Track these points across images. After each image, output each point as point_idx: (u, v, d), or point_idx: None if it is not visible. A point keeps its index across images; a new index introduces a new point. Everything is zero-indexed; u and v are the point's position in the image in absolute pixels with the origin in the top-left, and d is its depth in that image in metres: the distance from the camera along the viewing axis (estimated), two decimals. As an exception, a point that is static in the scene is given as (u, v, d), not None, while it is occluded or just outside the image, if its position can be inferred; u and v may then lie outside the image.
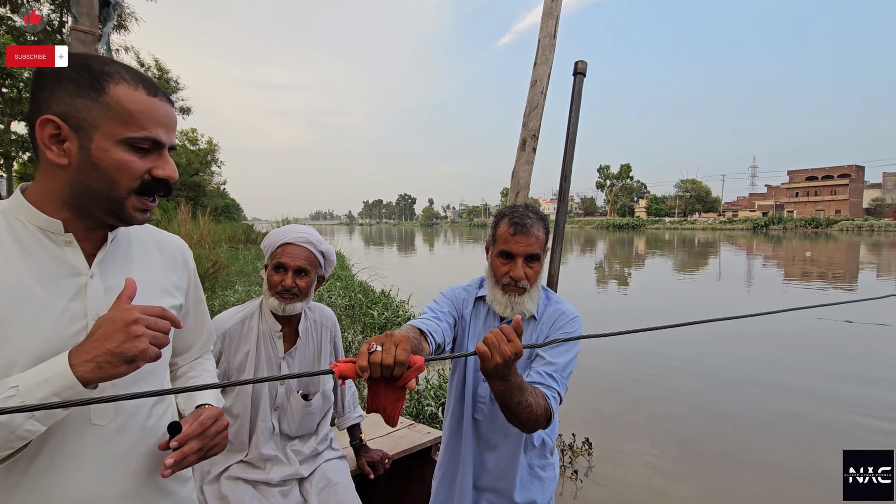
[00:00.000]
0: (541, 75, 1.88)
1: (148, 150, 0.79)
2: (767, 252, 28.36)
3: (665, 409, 4.86)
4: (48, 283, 0.77)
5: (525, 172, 1.90)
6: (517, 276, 1.35)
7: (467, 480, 1.44)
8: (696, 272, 17.95)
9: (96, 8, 1.60)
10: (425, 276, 15.90)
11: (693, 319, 0.97)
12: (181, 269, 0.99)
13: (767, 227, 69.64)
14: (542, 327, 1.44)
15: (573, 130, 1.85)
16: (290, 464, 1.64)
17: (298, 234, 1.61)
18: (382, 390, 0.87)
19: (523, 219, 1.35)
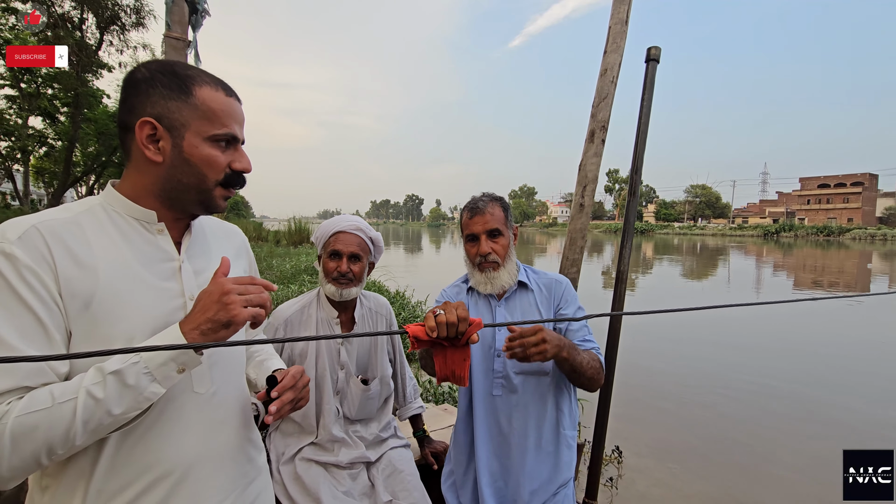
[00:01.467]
0: (611, 64, 1.82)
1: (227, 145, 0.89)
2: (778, 259, 28.07)
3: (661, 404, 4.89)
4: (150, 267, 0.86)
5: (593, 165, 1.85)
6: (483, 251, 1.51)
7: (484, 462, 1.51)
8: (705, 278, 17.80)
9: (186, 16, 1.71)
10: (436, 277, 15.87)
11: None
12: (244, 254, 1.11)
13: (778, 234, 68.93)
14: (543, 296, 1.58)
15: (645, 121, 1.80)
16: (356, 447, 1.73)
17: (349, 222, 1.72)
18: (449, 354, 0.97)
19: (476, 203, 1.56)
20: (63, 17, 16.87)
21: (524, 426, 1.50)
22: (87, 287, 0.78)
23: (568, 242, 1.94)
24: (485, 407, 1.53)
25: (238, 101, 0.91)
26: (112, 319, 0.80)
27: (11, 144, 20.33)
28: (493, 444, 1.52)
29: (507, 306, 1.58)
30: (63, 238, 0.78)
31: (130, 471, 0.82)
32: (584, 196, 1.90)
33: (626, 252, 1.85)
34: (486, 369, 1.53)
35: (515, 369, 1.51)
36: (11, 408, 0.70)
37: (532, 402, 1.50)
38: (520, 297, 1.59)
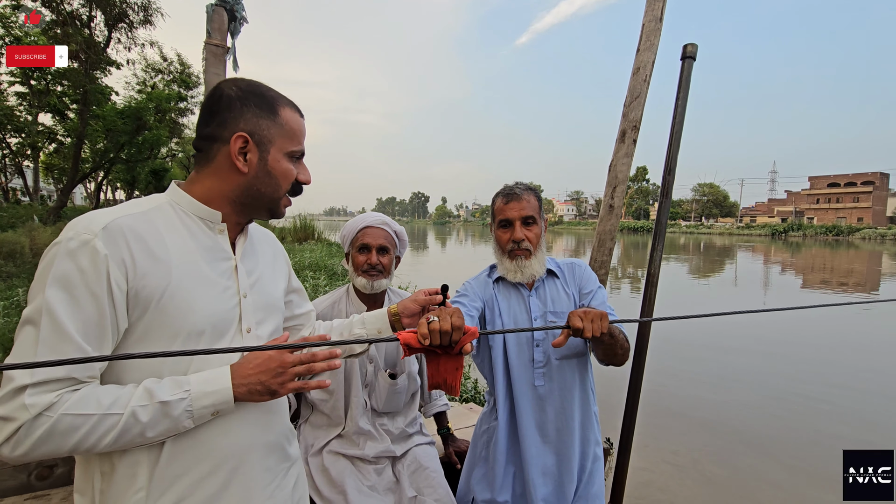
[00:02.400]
0: (644, 62, 1.78)
1: (299, 159, 1.00)
2: (786, 259, 27.80)
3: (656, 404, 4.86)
4: (212, 264, 0.93)
5: (624, 166, 1.81)
6: (517, 237, 1.50)
7: (532, 451, 1.50)
8: (712, 277, 17.64)
9: (226, 24, 1.78)
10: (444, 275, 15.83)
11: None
12: (280, 256, 1.18)
13: (786, 233, 68.32)
14: (569, 280, 1.60)
15: (679, 120, 1.75)
16: (381, 440, 1.75)
17: (375, 217, 1.79)
18: (442, 362, 0.95)
19: (512, 189, 1.55)
20: (72, 14, 16.93)
21: (570, 410, 1.51)
22: (160, 281, 0.84)
23: (596, 244, 1.90)
24: (530, 399, 1.51)
25: (301, 118, 1.01)
26: (180, 312, 0.85)
27: (22, 141, 20.49)
28: (541, 435, 1.50)
29: (538, 295, 1.57)
30: (141, 234, 0.84)
31: (191, 458, 0.88)
32: (613, 197, 1.85)
33: (658, 255, 1.81)
34: (526, 361, 1.52)
35: (556, 355, 1.51)
36: (61, 401, 0.74)
37: (572, 385, 1.51)
38: (549, 285, 1.58)
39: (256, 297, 1.00)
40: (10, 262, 10.04)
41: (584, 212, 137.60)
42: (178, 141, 31.21)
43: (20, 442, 0.72)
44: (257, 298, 1.00)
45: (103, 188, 29.45)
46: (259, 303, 1.01)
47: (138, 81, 24.21)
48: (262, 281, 1.03)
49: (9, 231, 11.94)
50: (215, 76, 1.80)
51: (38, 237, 11.55)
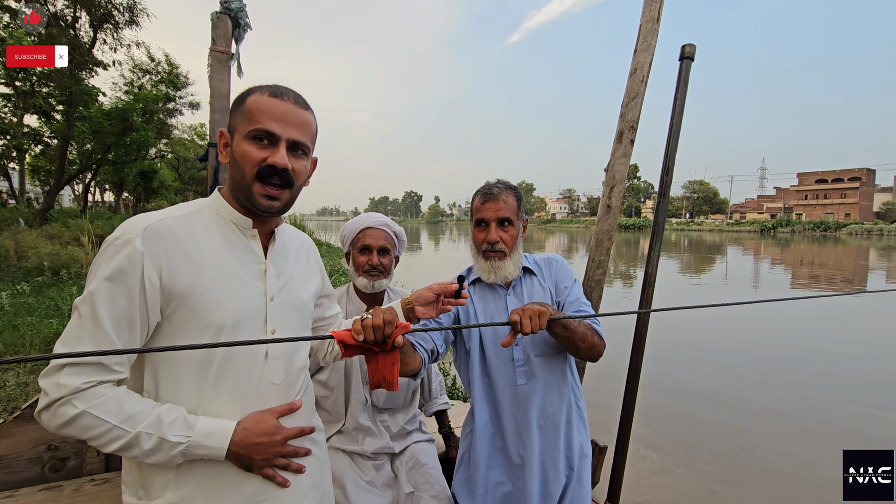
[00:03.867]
0: (641, 63, 1.77)
1: (264, 141, 0.94)
2: (775, 255, 28.11)
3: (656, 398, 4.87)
4: (243, 266, 0.98)
5: (621, 166, 1.80)
6: (491, 238, 1.48)
7: (515, 450, 1.48)
8: (703, 273, 17.80)
9: (230, 30, 1.81)
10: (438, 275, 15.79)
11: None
12: (314, 260, 1.21)
13: (775, 229, 69.10)
14: (546, 276, 1.59)
15: (677, 121, 1.75)
16: (381, 436, 1.76)
17: (375, 219, 1.80)
18: (380, 360, 0.99)
19: (490, 188, 1.52)
20: (56, 15, 16.66)
21: (553, 407, 1.50)
22: (191, 279, 0.90)
23: (594, 244, 1.89)
24: (511, 399, 1.49)
25: (288, 102, 0.96)
26: (209, 310, 0.91)
27: (7, 143, 20.11)
28: (525, 434, 1.48)
29: (515, 293, 1.56)
30: (178, 235, 0.91)
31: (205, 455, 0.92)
32: (611, 197, 1.84)
33: (655, 255, 1.80)
34: (507, 360, 1.51)
35: (535, 352, 1.50)
36: (88, 394, 0.82)
37: (553, 382, 1.50)
38: (526, 283, 1.58)
39: (284, 300, 1.03)
40: (-5, 267, 9.86)
41: (577, 210, 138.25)
42: (166, 142, 30.84)
43: (52, 418, 0.82)
44: (285, 301, 1.04)
45: (91, 190, 29.05)
46: (286, 305, 1.04)
47: (125, 82, 23.88)
48: (292, 284, 1.06)
49: (-6, 235, 11.71)
50: (220, 82, 1.79)
51: (22, 240, 11.34)
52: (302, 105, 0.98)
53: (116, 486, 1.69)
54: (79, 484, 1.70)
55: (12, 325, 5.89)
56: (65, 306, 6.86)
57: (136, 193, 30.42)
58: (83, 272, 9.60)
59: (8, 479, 1.65)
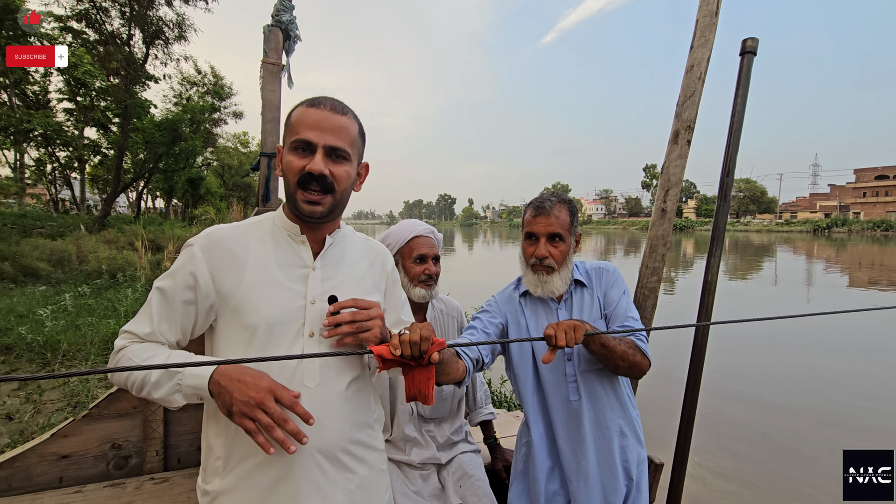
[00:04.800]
0: (698, 59, 1.69)
1: (305, 150, 0.99)
2: (831, 256, 26.44)
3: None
4: (286, 270, 1.03)
5: (677, 168, 1.72)
6: (540, 254, 1.46)
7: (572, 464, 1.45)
8: (749, 278, 16.92)
9: (281, 42, 1.85)
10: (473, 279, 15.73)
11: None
12: (380, 271, 1.20)
13: (830, 229, 65.12)
14: (595, 287, 1.54)
15: (739, 119, 1.65)
16: (427, 447, 1.74)
17: (424, 227, 1.78)
18: (416, 374, 1.00)
19: (543, 202, 1.49)
20: (113, 34, 17.72)
21: (606, 420, 1.46)
22: (235, 281, 0.99)
23: (648, 250, 1.81)
24: (565, 415, 1.47)
25: (324, 110, 0.99)
26: (248, 309, 0.98)
27: (69, 154, 21.55)
28: (580, 449, 1.45)
29: (567, 307, 1.53)
30: (230, 242, 1.02)
31: (251, 444, 0.93)
32: (666, 200, 1.76)
33: (716, 261, 1.71)
34: (559, 376, 1.48)
35: (585, 367, 1.47)
36: (128, 347, 0.97)
37: (605, 396, 1.47)
38: (578, 297, 1.55)
39: (326, 305, 1.04)
40: (58, 269, 10.54)
41: (614, 210, 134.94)
42: (212, 150, 32.22)
43: (109, 363, 0.98)
44: (327, 306, 1.04)
45: (143, 197, 30.66)
46: (329, 310, 1.04)
47: (175, 94, 25.13)
48: (340, 290, 1.06)
49: (58, 240, 12.55)
50: (271, 93, 1.83)
51: (83, 245, 12.10)
52: (339, 111, 1.01)
53: (175, 485, 1.75)
54: (140, 482, 1.77)
55: (75, 325, 6.27)
56: (121, 307, 7.25)
57: (185, 200, 31.90)
58: (137, 275, 10.14)
59: (77, 474, 1.74)
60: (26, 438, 3.52)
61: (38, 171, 22.09)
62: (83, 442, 1.75)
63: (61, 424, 1.76)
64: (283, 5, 1.76)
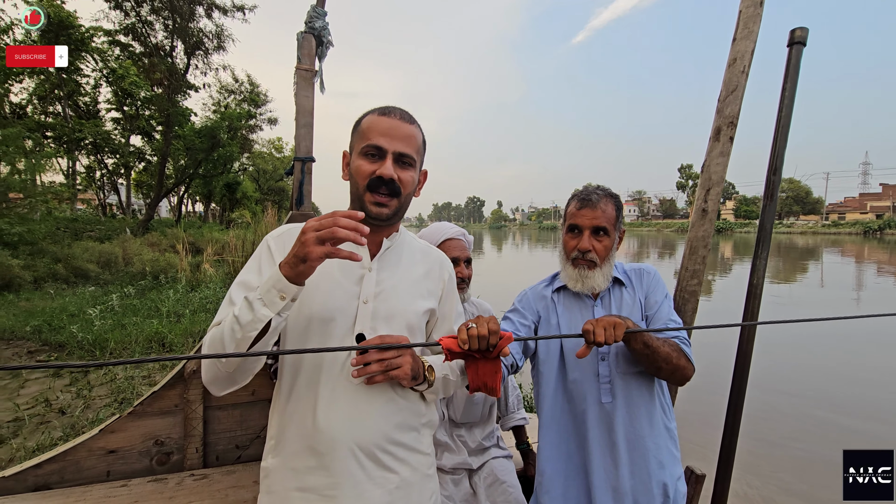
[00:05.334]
0: (742, 52, 1.62)
1: (375, 156, 1.05)
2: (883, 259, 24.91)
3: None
4: (344, 270, 1.08)
5: (719, 166, 1.65)
6: (584, 247, 1.42)
7: (600, 472, 1.38)
8: (793, 281, 16.10)
9: (314, 48, 1.89)
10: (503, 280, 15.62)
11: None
12: (437, 279, 1.21)
13: (882, 231, 61.41)
14: (636, 288, 1.49)
15: (786, 114, 1.58)
16: (458, 452, 1.74)
17: (455, 230, 1.77)
18: (481, 366, 1.00)
19: (589, 194, 1.44)
20: (157, 46, 18.57)
21: (641, 427, 1.39)
22: None
23: (688, 252, 1.74)
24: (596, 417, 1.40)
25: (395, 118, 1.05)
26: (306, 302, 1.03)
27: (117, 161, 22.69)
28: (612, 455, 1.38)
29: (603, 305, 1.48)
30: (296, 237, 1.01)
31: (296, 429, 1.03)
32: (707, 200, 1.69)
33: (762, 263, 1.63)
34: (590, 376, 1.42)
35: (622, 369, 1.40)
36: (206, 336, 1.00)
37: (641, 400, 1.41)
38: (616, 296, 1.49)
39: (379, 306, 1.07)
40: (106, 271, 11.10)
41: (648, 212, 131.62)
42: (248, 155, 33.26)
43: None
44: (380, 307, 1.07)
45: (184, 201, 31.93)
46: (381, 312, 1.07)
47: (213, 102, 26.10)
48: (393, 293, 1.09)
49: (106, 243, 13.20)
50: (305, 98, 1.87)
51: (129, 248, 12.69)
52: (407, 120, 1.07)
53: (213, 482, 1.80)
54: (181, 478, 1.83)
55: (121, 324, 6.58)
56: (163, 308, 7.55)
57: (223, 204, 33.05)
58: (178, 277, 10.55)
59: (122, 469, 1.82)
60: (77, 432, 3.71)
61: (88, 178, 23.34)
62: (128, 438, 1.82)
63: (108, 421, 1.84)
64: (316, 12, 1.79)
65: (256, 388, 1.97)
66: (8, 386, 4.76)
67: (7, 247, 9.76)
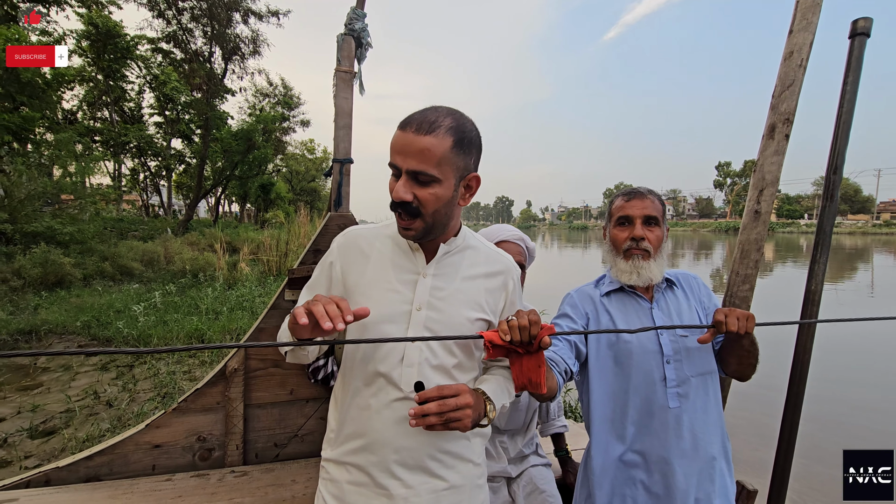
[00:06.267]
0: (799, 44, 1.53)
1: (395, 175, 1.01)
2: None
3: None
4: (399, 275, 1.07)
5: (773, 165, 1.56)
6: (637, 234, 1.37)
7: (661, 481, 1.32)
8: (840, 283, 15.24)
9: (353, 51, 1.90)
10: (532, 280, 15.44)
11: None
12: (499, 289, 1.14)
13: (941, 231, 57.57)
14: (689, 294, 1.46)
15: (848, 109, 1.48)
16: (499, 460, 1.72)
17: (511, 232, 1.72)
18: (525, 361, 0.99)
19: (636, 188, 1.44)
20: (196, 52, 19.28)
21: (708, 436, 1.33)
22: (357, 276, 1.09)
23: (739, 255, 1.65)
24: (660, 423, 1.32)
25: (409, 132, 0.95)
26: (360, 304, 1.03)
27: (159, 163, 23.70)
28: (681, 465, 1.31)
29: (660, 308, 1.40)
30: (361, 241, 1.12)
31: (353, 427, 1.07)
32: (760, 202, 1.60)
33: (821, 268, 1.53)
34: (654, 380, 1.33)
35: (692, 371, 1.33)
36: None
37: (708, 406, 1.35)
38: (671, 298, 1.44)
39: (432, 313, 1.05)
40: (149, 269, 11.58)
41: (683, 212, 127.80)
42: (282, 157, 34.10)
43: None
44: (432, 314, 1.05)
45: (221, 202, 33.03)
46: (434, 319, 1.05)
47: (249, 106, 26.88)
48: (446, 300, 1.07)
49: (149, 242, 13.79)
50: (344, 100, 1.88)
51: (170, 247, 13.21)
52: (424, 131, 0.95)
53: (253, 479, 1.83)
54: (222, 474, 1.87)
55: (163, 320, 6.84)
56: (202, 305, 7.82)
57: (257, 204, 34.02)
58: (216, 275, 10.91)
59: (167, 463, 1.87)
60: (123, 424, 3.87)
61: (133, 180, 24.45)
62: (173, 433, 1.87)
63: (154, 416, 1.90)
64: (356, 14, 1.80)
65: (294, 388, 1.99)
66: (60, 378, 5.02)
67: (59, 246, 10.31)
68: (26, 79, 12.86)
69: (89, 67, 19.40)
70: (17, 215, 10.41)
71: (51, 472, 1.77)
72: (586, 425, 1.48)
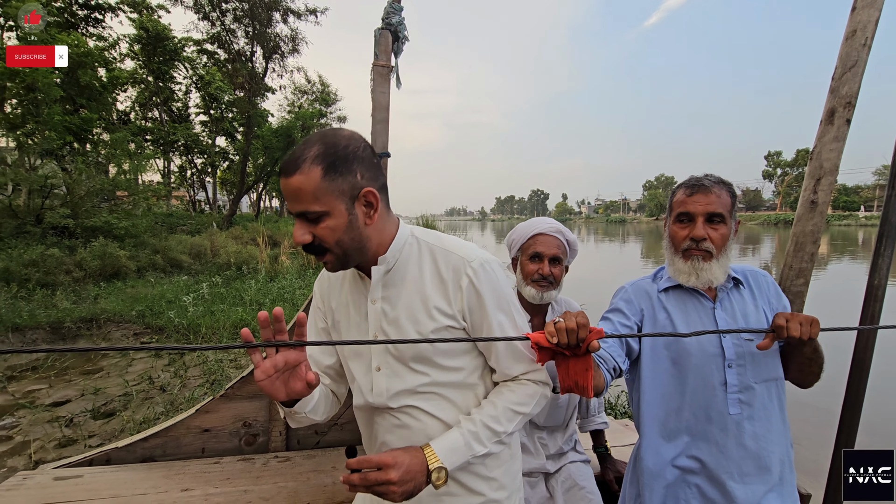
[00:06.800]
0: (863, 23, 1.43)
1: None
2: None
3: None
4: (355, 304, 1.08)
5: (832, 153, 1.47)
6: (697, 234, 1.27)
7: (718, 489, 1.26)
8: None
9: (391, 45, 1.90)
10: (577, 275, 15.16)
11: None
12: (451, 289, 1.01)
13: None
14: (757, 294, 1.35)
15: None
16: (537, 456, 1.70)
17: (548, 224, 1.67)
18: (571, 364, 0.96)
19: (700, 180, 1.32)
20: (239, 52, 19.90)
21: (771, 444, 1.26)
22: (334, 315, 1.12)
23: (793, 248, 1.57)
24: (720, 430, 1.26)
25: (283, 178, 0.90)
26: (335, 338, 1.10)
27: (204, 160, 24.71)
28: (740, 473, 1.25)
29: (723, 308, 1.31)
30: (331, 279, 1.15)
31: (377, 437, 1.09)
32: (817, 191, 1.51)
33: (885, 262, 1.43)
34: (714, 385, 1.26)
35: (756, 378, 1.25)
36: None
37: (772, 413, 1.27)
38: (736, 298, 1.33)
39: (390, 337, 1.00)
40: (197, 262, 12.14)
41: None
42: (320, 153, 34.81)
43: None
44: (391, 338, 0.99)
45: (263, 197, 34.11)
46: (392, 345, 1.00)
47: (288, 103, 27.59)
48: (398, 322, 1.00)
49: (196, 236, 14.43)
50: (381, 94, 1.90)
51: (216, 241, 13.79)
52: (291, 172, 0.89)
53: (296, 465, 1.90)
54: (266, 459, 1.95)
55: (210, 311, 7.16)
56: (246, 297, 8.13)
57: (296, 200, 34.86)
58: (259, 268, 11.31)
59: (216, 447, 1.97)
60: (176, 408, 4.09)
61: (181, 176, 25.62)
62: (221, 418, 1.97)
63: (203, 402, 1.99)
64: (393, 8, 1.81)
65: (334, 378, 2.05)
66: (118, 364, 5.35)
67: (116, 239, 10.96)
68: (85, 82, 13.66)
69: (141, 70, 20.42)
70: (79, 211, 11.13)
71: (111, 452, 1.89)
72: (636, 424, 1.42)
